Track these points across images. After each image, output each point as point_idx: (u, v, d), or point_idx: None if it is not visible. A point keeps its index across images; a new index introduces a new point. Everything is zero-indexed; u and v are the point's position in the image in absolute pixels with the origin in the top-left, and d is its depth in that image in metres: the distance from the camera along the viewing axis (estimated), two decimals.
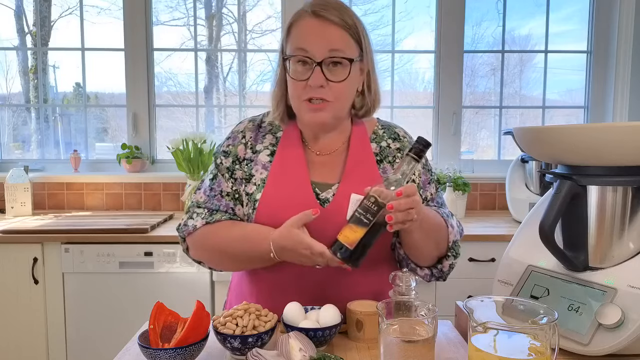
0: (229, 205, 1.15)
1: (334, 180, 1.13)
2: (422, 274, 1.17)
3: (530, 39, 2.94)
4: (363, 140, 1.17)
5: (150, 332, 0.92)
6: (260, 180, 1.13)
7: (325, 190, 1.12)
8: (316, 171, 1.14)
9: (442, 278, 1.18)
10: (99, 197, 2.79)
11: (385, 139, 1.20)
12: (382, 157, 1.17)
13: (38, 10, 2.91)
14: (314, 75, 1.04)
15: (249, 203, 1.13)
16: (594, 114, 2.91)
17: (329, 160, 1.15)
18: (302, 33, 1.06)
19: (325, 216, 1.06)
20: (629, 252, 0.94)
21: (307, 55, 1.04)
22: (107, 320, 2.18)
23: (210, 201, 1.16)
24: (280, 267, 1.11)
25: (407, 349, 0.80)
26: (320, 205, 1.10)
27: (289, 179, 1.11)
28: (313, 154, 1.16)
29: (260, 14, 2.93)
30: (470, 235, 2.18)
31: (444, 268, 1.15)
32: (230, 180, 1.16)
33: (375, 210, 0.94)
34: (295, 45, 1.06)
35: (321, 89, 1.05)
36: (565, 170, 1.00)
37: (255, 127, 1.19)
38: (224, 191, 1.16)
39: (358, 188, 1.06)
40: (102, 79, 2.94)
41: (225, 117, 3.06)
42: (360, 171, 1.13)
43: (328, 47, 1.04)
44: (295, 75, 1.06)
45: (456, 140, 2.90)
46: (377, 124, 1.23)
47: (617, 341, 0.85)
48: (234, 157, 1.16)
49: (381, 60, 2.93)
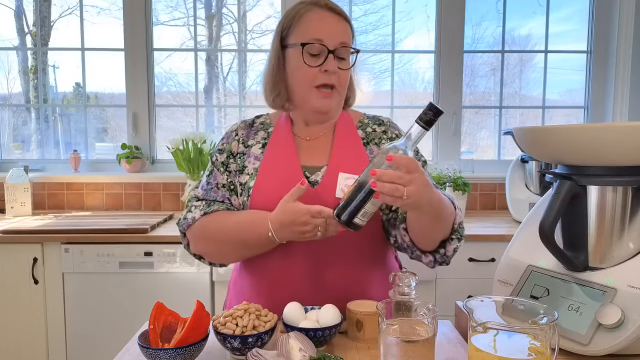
0: (226, 196, 1.19)
1: (323, 162, 1.17)
2: (426, 260, 1.13)
3: (530, 39, 2.94)
4: (349, 125, 1.23)
5: (150, 332, 0.92)
6: (253, 169, 1.17)
7: (314, 172, 1.16)
8: (305, 155, 1.18)
9: (445, 262, 1.14)
10: (99, 197, 2.79)
11: (371, 125, 1.25)
12: (368, 140, 1.21)
13: (38, 10, 2.91)
14: (330, 61, 1.12)
15: (243, 192, 1.17)
16: (594, 114, 2.91)
17: (317, 144, 1.20)
18: (317, 24, 1.13)
19: (315, 197, 1.09)
20: (629, 252, 0.94)
21: (322, 43, 1.11)
22: (107, 320, 2.18)
23: (208, 194, 1.20)
24: (280, 265, 1.11)
25: (407, 349, 0.80)
26: (310, 187, 1.11)
27: (280, 165, 1.16)
28: (302, 140, 1.21)
29: (260, 14, 2.93)
30: (470, 235, 2.18)
31: (447, 252, 1.10)
32: (225, 173, 1.20)
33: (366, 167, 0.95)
34: (310, 35, 1.12)
35: (334, 76, 1.13)
36: (565, 170, 1.00)
37: (247, 125, 1.26)
38: (219, 183, 1.20)
39: (346, 168, 1.12)
40: (102, 79, 2.94)
41: (225, 117, 3.06)
42: (347, 152, 1.17)
43: (339, 39, 1.13)
44: (309, 62, 1.12)
45: (456, 140, 2.90)
46: (363, 115, 1.29)
47: (617, 341, 0.85)
48: (228, 152, 1.22)
49: (381, 60, 2.93)
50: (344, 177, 1.10)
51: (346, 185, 1.08)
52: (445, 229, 1.07)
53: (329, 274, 1.11)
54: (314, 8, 1.14)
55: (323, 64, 1.12)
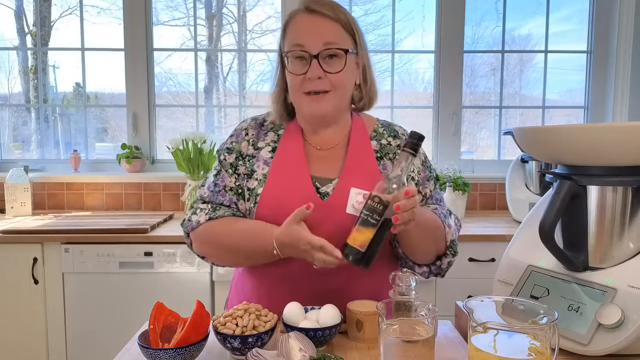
0: (233, 200, 1.17)
1: (334, 174, 1.14)
2: (420, 271, 1.17)
3: (530, 39, 2.94)
4: (363, 136, 1.19)
5: (150, 332, 0.92)
6: (261, 175, 1.15)
7: (325, 184, 1.13)
8: (316, 166, 1.15)
9: (440, 274, 1.19)
10: (99, 197, 2.79)
11: (385, 136, 1.21)
12: (383, 154, 1.18)
13: (38, 10, 2.91)
14: (312, 68, 1.07)
15: (250, 198, 1.14)
16: (594, 114, 2.91)
17: (329, 155, 1.17)
18: (297, 29, 1.10)
19: (324, 210, 1.08)
20: (629, 252, 0.94)
21: (303, 49, 1.08)
22: (107, 320, 2.18)
23: (214, 196, 1.18)
24: (281, 265, 1.11)
25: (407, 349, 0.80)
26: (320, 198, 1.10)
27: (289, 174, 1.13)
28: (313, 148, 1.17)
29: (260, 14, 2.93)
30: (470, 235, 2.18)
31: (442, 265, 1.17)
32: (234, 176, 1.17)
33: (380, 209, 0.94)
34: (292, 41, 1.10)
35: (319, 81, 1.08)
36: (565, 170, 1.00)
37: (257, 124, 1.22)
38: (227, 186, 1.18)
39: (358, 183, 1.10)
40: (102, 79, 2.94)
41: (225, 117, 3.06)
42: (360, 166, 1.14)
43: (323, 41, 1.07)
44: (293, 70, 1.10)
45: (456, 140, 2.90)
46: (377, 122, 1.24)
47: (617, 341, 0.85)
48: (237, 153, 1.19)
49: (381, 60, 2.93)
50: (355, 192, 1.08)
51: (357, 202, 1.07)
52: (437, 245, 1.12)
53: (329, 274, 1.11)
54: (298, 13, 1.12)
55: (307, 71, 1.07)
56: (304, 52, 1.08)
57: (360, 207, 0.99)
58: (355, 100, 1.19)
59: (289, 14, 1.14)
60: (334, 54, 1.08)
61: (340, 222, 1.07)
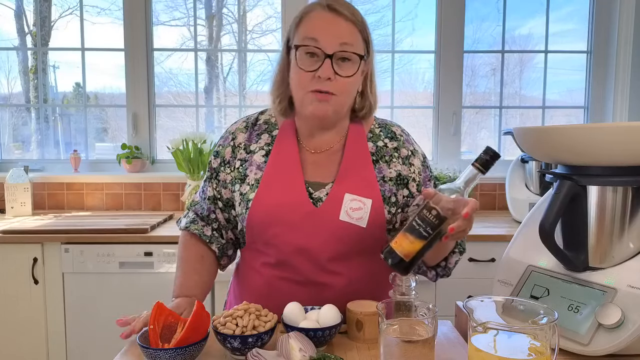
0: (211, 209, 1.21)
1: (328, 179, 1.12)
2: (430, 275, 1.17)
3: (530, 39, 2.94)
4: (360, 140, 1.16)
5: (150, 332, 0.92)
6: (254, 180, 1.13)
7: (318, 189, 1.11)
8: (310, 170, 1.13)
9: (446, 275, 1.18)
10: (99, 197, 2.79)
11: (382, 138, 1.18)
12: (379, 157, 1.15)
13: (38, 10, 2.91)
14: (324, 67, 1.03)
15: (242, 203, 1.13)
16: (594, 114, 2.91)
17: (324, 159, 1.15)
18: (313, 24, 1.07)
19: (317, 216, 1.07)
20: (629, 252, 0.94)
21: (317, 45, 1.04)
22: (107, 320, 2.18)
23: (200, 204, 1.22)
24: (279, 266, 1.11)
25: (407, 349, 0.80)
26: (312, 205, 1.09)
27: (282, 179, 1.11)
28: (308, 152, 1.15)
29: (260, 14, 2.93)
30: (470, 235, 2.16)
31: (449, 264, 1.15)
32: (214, 182, 1.19)
33: (436, 223, 0.89)
34: (305, 34, 1.06)
35: (328, 82, 1.04)
36: (565, 170, 1.00)
37: (249, 126, 1.19)
38: (207, 195, 1.21)
39: (352, 188, 1.08)
40: (102, 79, 2.94)
41: (225, 117, 3.06)
42: (354, 172, 1.12)
43: (339, 41, 1.04)
44: (303, 66, 1.06)
45: (456, 141, 2.90)
46: (374, 122, 1.22)
47: (617, 341, 0.85)
48: (221, 158, 1.19)
49: (381, 60, 2.93)
50: (350, 198, 1.06)
51: (351, 208, 1.06)
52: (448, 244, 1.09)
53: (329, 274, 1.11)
54: (316, 8, 1.07)
55: (318, 69, 1.03)
56: (317, 49, 1.04)
57: (354, 214, 0.96)
58: (356, 108, 1.16)
59: (304, 8, 1.10)
60: (347, 57, 1.05)
61: (333, 230, 1.06)
